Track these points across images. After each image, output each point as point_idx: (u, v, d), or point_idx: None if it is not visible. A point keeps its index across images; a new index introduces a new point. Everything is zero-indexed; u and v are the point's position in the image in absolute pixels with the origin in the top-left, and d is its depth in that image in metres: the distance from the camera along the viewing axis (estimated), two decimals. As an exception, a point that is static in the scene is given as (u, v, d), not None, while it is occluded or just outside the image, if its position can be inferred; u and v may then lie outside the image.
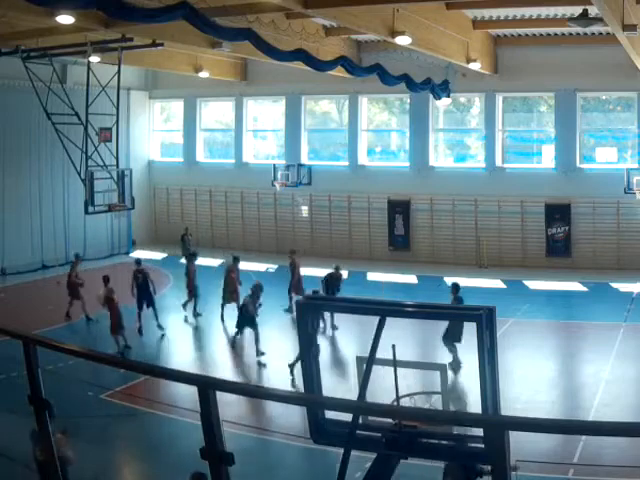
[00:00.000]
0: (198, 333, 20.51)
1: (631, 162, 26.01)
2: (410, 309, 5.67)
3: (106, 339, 17.28)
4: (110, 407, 13.70)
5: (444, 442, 4.94)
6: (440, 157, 29.41)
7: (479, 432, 4.47)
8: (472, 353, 4.78)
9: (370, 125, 30.67)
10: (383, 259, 28.63)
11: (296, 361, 14.65)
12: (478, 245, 27.62)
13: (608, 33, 20.14)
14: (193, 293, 20.75)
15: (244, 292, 18.60)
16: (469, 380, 14.05)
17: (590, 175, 26.37)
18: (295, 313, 5.25)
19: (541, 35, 25.62)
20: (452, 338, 15.01)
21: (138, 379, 14.04)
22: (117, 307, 17.41)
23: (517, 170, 27.53)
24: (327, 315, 18.28)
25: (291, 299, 20.49)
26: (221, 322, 19.93)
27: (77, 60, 24.96)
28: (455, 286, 16.05)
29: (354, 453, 5.09)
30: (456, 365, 14.76)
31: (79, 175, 21.39)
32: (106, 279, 18.01)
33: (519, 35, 26.02)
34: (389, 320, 5.28)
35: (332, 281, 19.88)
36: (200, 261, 24.08)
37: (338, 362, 16.04)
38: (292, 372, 14.92)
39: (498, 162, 27.92)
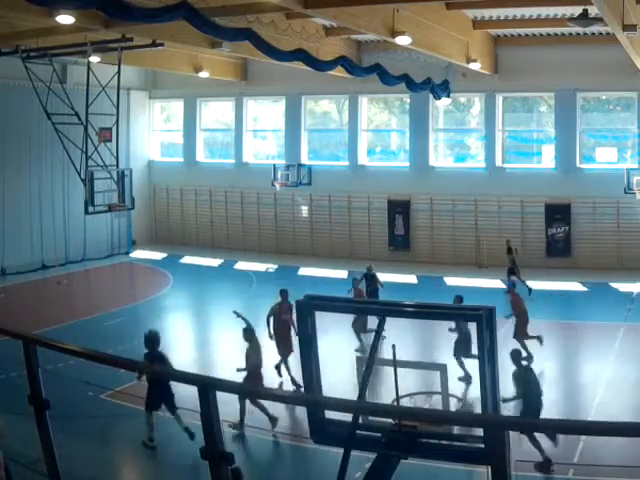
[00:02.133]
0: (199, 333, 20.51)
1: (631, 162, 26.00)
2: (410, 309, 5.66)
3: (106, 339, 17.28)
4: (110, 407, 13.70)
5: (444, 442, 4.94)
6: (440, 157, 29.41)
7: (479, 432, 4.47)
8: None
9: (370, 125, 30.66)
10: (383, 259, 28.61)
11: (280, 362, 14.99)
12: (478, 245, 27.62)
13: (608, 33, 20.15)
14: None
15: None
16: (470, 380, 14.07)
17: (590, 175, 26.36)
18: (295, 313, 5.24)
19: (541, 35, 25.61)
20: (462, 352, 14.67)
21: (138, 379, 14.02)
22: None
23: (517, 170, 27.52)
24: None
25: None
26: None
27: (77, 60, 24.95)
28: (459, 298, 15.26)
29: (354, 453, 5.09)
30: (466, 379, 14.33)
31: (79, 175, 21.39)
32: None
33: (519, 35, 26.01)
34: (389, 320, 5.28)
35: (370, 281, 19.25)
36: (200, 261, 24.30)
37: (338, 362, 16.01)
38: (279, 373, 15.09)
39: (498, 162, 27.92)
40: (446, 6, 20.36)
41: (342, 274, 26.43)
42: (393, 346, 5.16)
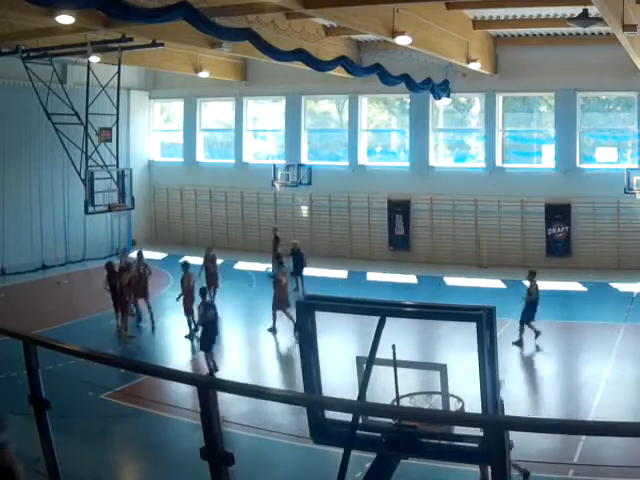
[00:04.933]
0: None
1: (631, 162, 26.00)
2: (410, 309, 5.66)
3: (106, 339, 17.27)
4: (110, 407, 13.70)
5: (444, 442, 4.94)
6: (440, 157, 29.40)
7: (479, 432, 4.47)
8: (472, 353, 4.78)
9: (370, 125, 30.66)
10: (383, 259, 28.62)
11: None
12: (478, 245, 27.61)
13: (608, 33, 20.14)
14: None
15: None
16: (469, 380, 14.06)
17: (590, 175, 26.36)
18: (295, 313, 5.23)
19: (541, 35, 25.61)
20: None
21: (138, 379, 14.03)
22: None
23: (517, 170, 27.52)
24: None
25: None
26: None
27: (77, 60, 24.93)
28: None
29: (354, 453, 5.09)
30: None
31: (79, 175, 21.38)
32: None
33: (519, 35, 26.01)
34: (389, 320, 5.28)
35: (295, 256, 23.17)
36: (200, 261, 24.06)
37: (338, 362, 16.02)
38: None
39: (498, 162, 27.91)
40: (446, 6, 20.36)
41: (342, 274, 26.44)
42: (393, 346, 5.16)
